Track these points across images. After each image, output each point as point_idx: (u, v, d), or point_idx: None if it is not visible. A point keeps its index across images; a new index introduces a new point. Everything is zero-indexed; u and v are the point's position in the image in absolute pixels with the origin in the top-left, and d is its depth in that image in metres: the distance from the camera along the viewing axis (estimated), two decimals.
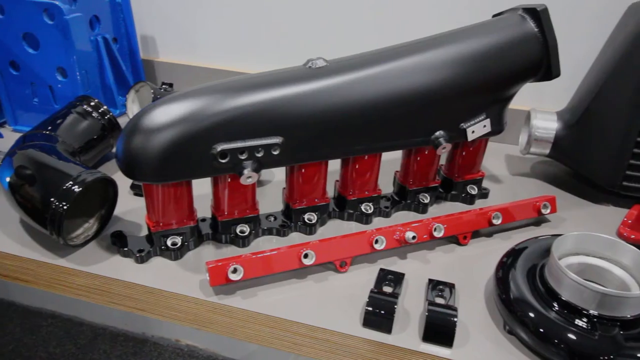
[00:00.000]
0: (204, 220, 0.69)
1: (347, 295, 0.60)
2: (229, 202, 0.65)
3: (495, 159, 0.95)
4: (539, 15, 0.66)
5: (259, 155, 0.59)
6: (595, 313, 0.51)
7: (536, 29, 0.67)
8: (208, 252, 0.67)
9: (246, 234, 0.67)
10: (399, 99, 0.63)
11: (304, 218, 0.70)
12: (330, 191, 0.74)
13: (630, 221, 0.73)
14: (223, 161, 0.58)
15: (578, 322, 0.51)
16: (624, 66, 0.75)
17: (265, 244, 0.69)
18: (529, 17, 0.68)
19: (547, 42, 0.67)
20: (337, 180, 0.75)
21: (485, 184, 0.83)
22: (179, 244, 0.64)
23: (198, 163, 0.58)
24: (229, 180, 0.63)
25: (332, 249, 0.62)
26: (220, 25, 1.09)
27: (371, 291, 0.56)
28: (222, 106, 0.57)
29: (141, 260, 0.64)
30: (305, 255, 0.60)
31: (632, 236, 0.72)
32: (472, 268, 0.65)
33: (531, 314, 0.53)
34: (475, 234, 0.72)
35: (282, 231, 0.70)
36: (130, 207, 0.74)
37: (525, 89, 0.75)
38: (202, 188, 0.66)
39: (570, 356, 0.49)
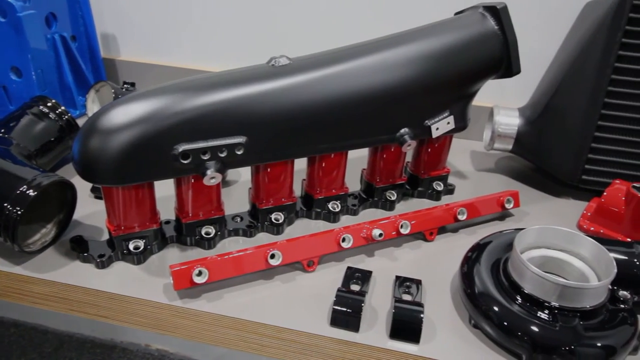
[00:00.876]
0: (168, 222, 0.68)
1: (314, 294, 0.60)
2: (193, 204, 0.64)
3: (461, 155, 0.96)
4: (499, 13, 0.67)
5: (223, 155, 0.58)
6: (556, 305, 0.52)
7: (496, 27, 0.68)
8: (172, 255, 0.65)
9: (212, 235, 0.66)
10: (363, 96, 0.63)
11: (270, 218, 0.69)
12: (298, 190, 0.74)
13: (589, 214, 0.75)
14: (185, 162, 0.57)
15: (540, 314, 0.52)
16: (581, 63, 0.77)
17: (232, 245, 0.68)
18: (489, 14, 0.69)
19: (507, 40, 0.68)
20: (304, 179, 0.74)
21: (451, 180, 0.84)
22: (142, 247, 0.62)
23: (159, 164, 0.56)
24: (193, 181, 0.61)
25: (299, 248, 0.62)
26: (183, 23, 1.07)
27: (338, 290, 0.56)
28: (184, 105, 0.56)
29: (102, 265, 0.62)
30: (272, 256, 0.59)
31: (592, 228, 0.74)
32: (438, 264, 0.66)
33: (495, 308, 0.54)
34: (442, 230, 0.72)
35: (248, 232, 0.69)
36: (91, 211, 0.71)
37: (489, 86, 0.77)
38: (165, 189, 0.64)
39: (533, 347, 0.50)
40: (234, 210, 0.72)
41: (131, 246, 0.62)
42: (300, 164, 0.70)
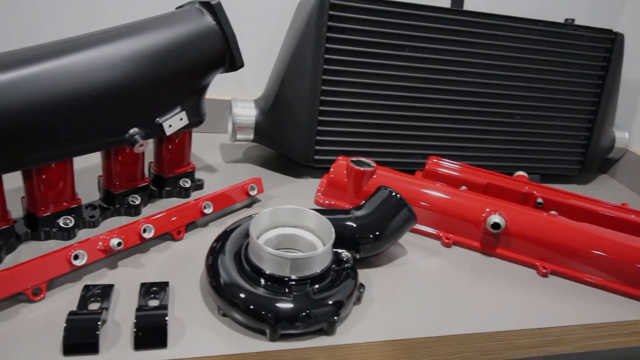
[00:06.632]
0: None
1: (45, 325, 0.52)
2: None
3: (211, 149, 0.97)
4: (214, 9, 0.69)
5: None
6: (294, 277, 0.57)
7: (214, 22, 0.70)
8: None
9: None
10: (75, 98, 0.57)
11: None
12: (16, 211, 0.64)
13: (322, 189, 0.84)
14: None
15: (281, 290, 0.56)
16: (299, 56, 0.85)
17: None
18: (206, 10, 0.70)
19: (226, 34, 0.70)
20: (23, 197, 0.64)
21: (201, 175, 0.84)
22: None
23: None
24: None
25: (17, 278, 0.53)
26: None
27: (69, 314, 0.50)
28: None
29: None
30: None
31: (326, 202, 0.84)
32: (188, 261, 0.65)
33: (241, 295, 0.55)
34: (192, 226, 0.72)
35: None
36: None
37: (228, 80, 0.79)
38: None
39: (276, 322, 0.54)
40: None
41: None
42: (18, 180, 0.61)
